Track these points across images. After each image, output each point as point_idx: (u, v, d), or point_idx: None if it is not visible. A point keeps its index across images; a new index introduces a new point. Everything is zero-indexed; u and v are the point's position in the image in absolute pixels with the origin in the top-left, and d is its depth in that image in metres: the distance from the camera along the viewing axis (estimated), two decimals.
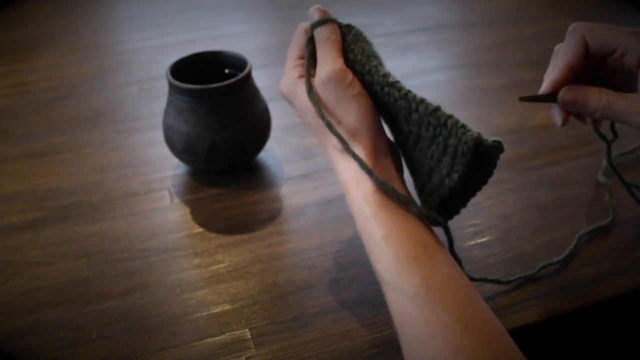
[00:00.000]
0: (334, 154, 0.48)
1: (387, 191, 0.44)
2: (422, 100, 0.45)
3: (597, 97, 0.41)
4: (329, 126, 0.46)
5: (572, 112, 0.44)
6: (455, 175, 0.44)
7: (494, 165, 0.44)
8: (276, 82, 0.90)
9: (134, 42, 1.09)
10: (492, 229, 0.62)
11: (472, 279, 0.48)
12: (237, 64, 0.70)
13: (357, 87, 0.47)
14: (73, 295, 0.56)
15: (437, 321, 0.39)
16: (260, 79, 0.72)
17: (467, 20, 1.13)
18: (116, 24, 1.20)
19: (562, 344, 0.57)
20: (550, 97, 0.44)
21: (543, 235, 0.61)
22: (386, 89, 0.46)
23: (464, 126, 0.43)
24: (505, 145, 0.44)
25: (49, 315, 0.54)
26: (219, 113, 0.65)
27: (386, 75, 0.46)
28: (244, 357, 0.50)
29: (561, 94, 0.43)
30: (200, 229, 0.64)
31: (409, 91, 0.46)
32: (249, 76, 0.67)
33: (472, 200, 0.64)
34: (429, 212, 0.45)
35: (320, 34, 0.49)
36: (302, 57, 0.50)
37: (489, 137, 0.43)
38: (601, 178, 0.67)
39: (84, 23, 1.17)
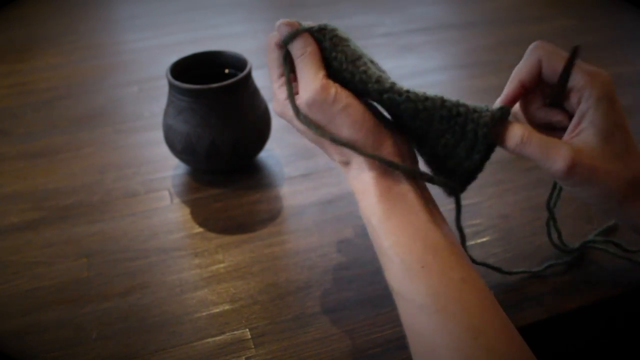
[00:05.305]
0: (341, 167, 0.47)
1: (400, 169, 0.44)
2: (427, 98, 0.45)
3: (513, 136, 0.43)
4: (334, 141, 0.45)
5: None
6: (477, 157, 0.45)
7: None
8: None
9: (134, 42, 1.09)
10: (492, 229, 0.62)
11: (473, 261, 0.48)
12: (237, 64, 0.70)
13: (343, 99, 0.44)
14: (73, 295, 0.56)
15: (445, 331, 0.38)
16: (260, 79, 0.72)
17: (467, 20, 1.13)
18: (116, 24, 1.20)
19: (562, 344, 0.57)
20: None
21: (543, 235, 0.61)
22: (385, 95, 0.45)
23: (474, 109, 0.44)
24: None
25: (49, 315, 0.54)
26: (219, 113, 0.65)
27: (379, 81, 0.45)
28: (244, 357, 0.50)
29: None
30: (200, 229, 0.64)
31: (408, 91, 0.45)
32: (249, 76, 0.67)
33: (472, 200, 0.66)
34: (439, 179, 0.46)
35: (295, 49, 0.46)
36: (283, 75, 0.48)
37: (494, 106, 0.45)
38: None
39: (84, 23, 1.17)
